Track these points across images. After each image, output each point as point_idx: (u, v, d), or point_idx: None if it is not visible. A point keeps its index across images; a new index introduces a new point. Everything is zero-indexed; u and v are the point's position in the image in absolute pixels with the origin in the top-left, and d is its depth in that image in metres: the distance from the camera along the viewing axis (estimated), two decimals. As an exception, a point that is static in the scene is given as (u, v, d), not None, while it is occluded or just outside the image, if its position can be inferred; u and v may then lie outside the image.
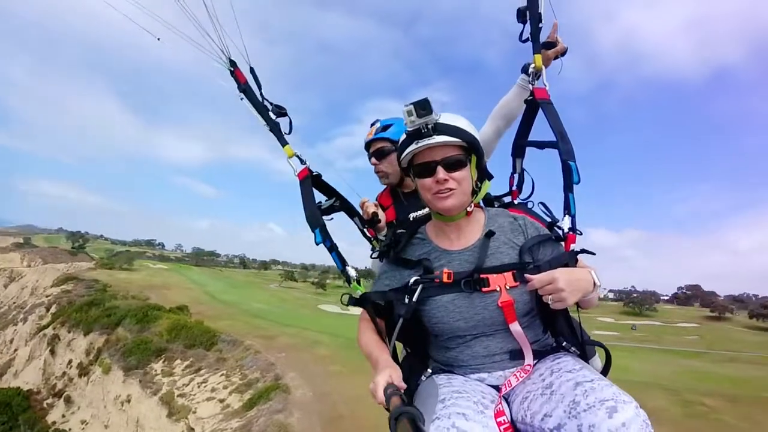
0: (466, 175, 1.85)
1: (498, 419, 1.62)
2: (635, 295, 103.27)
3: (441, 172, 1.80)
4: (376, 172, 2.84)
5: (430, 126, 1.77)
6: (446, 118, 1.81)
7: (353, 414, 21.48)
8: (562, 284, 1.67)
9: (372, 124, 2.87)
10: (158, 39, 2.16)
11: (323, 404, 22.83)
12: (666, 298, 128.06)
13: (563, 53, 2.46)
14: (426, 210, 2.21)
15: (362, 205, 2.60)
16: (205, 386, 29.19)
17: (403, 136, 1.90)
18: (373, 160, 2.81)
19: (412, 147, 1.83)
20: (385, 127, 2.76)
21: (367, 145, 2.84)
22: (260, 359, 30.43)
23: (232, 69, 2.33)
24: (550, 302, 1.72)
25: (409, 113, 1.77)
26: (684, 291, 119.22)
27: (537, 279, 1.75)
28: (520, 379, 1.79)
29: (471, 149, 1.86)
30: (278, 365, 28.72)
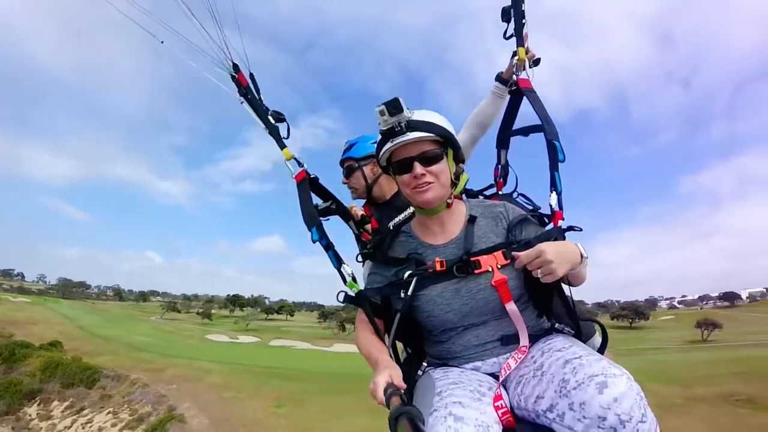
0: (444, 168, 1.87)
1: (496, 403, 1.62)
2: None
3: (418, 167, 1.82)
4: (348, 188, 2.93)
5: (403, 123, 1.80)
6: (419, 115, 1.85)
7: None
8: (550, 256, 1.65)
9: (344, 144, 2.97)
10: (161, 42, 2.17)
11: (222, 430, 23.29)
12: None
13: (535, 63, 2.54)
14: (404, 214, 2.26)
15: (350, 210, 2.67)
16: (90, 427, 27.90)
17: (379, 137, 1.93)
18: (344, 179, 2.90)
19: (388, 145, 1.86)
20: (349, 147, 2.84)
21: (340, 164, 2.95)
22: (150, 392, 29.79)
23: (234, 73, 2.31)
24: (540, 276, 1.69)
25: (382, 113, 1.81)
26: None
27: (524, 254, 1.74)
28: (518, 362, 1.77)
29: (446, 143, 1.89)
30: (170, 396, 28.45)
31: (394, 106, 1.78)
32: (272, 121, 2.37)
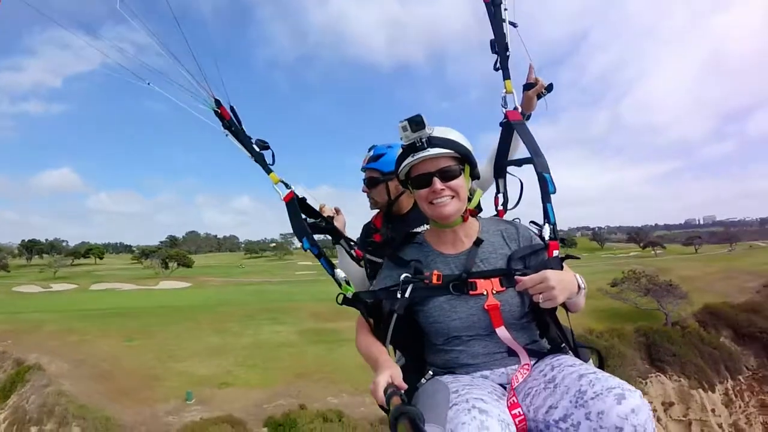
0: (462, 183, 1.91)
1: (512, 411, 1.65)
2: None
3: (437, 183, 1.87)
4: (367, 197, 2.93)
5: (424, 139, 1.85)
6: (439, 132, 1.89)
7: (120, 367, 24.78)
8: (552, 282, 1.70)
9: (369, 149, 2.89)
10: (148, 84, 2.19)
11: (86, 367, 24.75)
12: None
13: (548, 89, 2.51)
14: (421, 229, 2.30)
15: (320, 209, 2.63)
16: None
17: (400, 150, 1.98)
18: (364, 187, 2.89)
19: (409, 160, 1.90)
20: (377, 156, 2.79)
21: (362, 170, 2.90)
22: (-21, 353, 28.79)
23: (217, 109, 2.28)
24: (540, 301, 1.74)
25: (404, 128, 1.85)
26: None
27: (528, 278, 1.77)
28: (524, 377, 1.82)
29: (464, 159, 1.94)
30: (11, 351, 28.05)
31: (416, 123, 1.83)
32: (257, 149, 2.37)
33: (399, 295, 1.91)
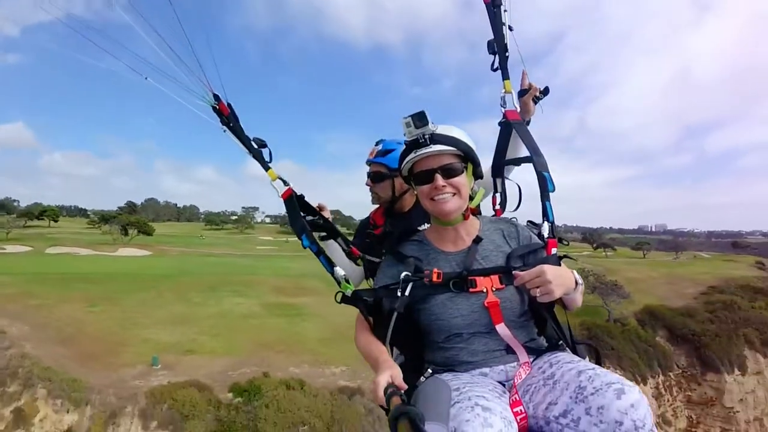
0: (464, 181, 1.93)
1: (514, 409, 1.66)
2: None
3: (439, 179, 1.89)
4: (370, 192, 2.93)
5: (427, 136, 1.87)
6: (443, 129, 1.91)
7: (83, 332, 24.90)
8: (549, 276, 1.71)
9: (377, 143, 2.90)
10: (146, 78, 2.19)
11: (48, 331, 24.61)
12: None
13: (544, 93, 2.56)
14: (422, 227, 2.26)
15: (319, 208, 2.64)
16: None
17: (403, 147, 2.01)
18: (369, 181, 2.89)
19: (411, 156, 1.93)
20: (386, 152, 2.80)
21: (368, 163, 2.90)
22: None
23: (216, 104, 2.29)
24: (537, 295, 1.74)
25: (408, 125, 1.88)
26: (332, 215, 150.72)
27: (526, 273, 1.79)
28: (527, 373, 1.83)
29: (467, 157, 1.95)
30: None
31: (420, 119, 1.85)
32: (255, 147, 2.38)
33: (399, 294, 1.93)
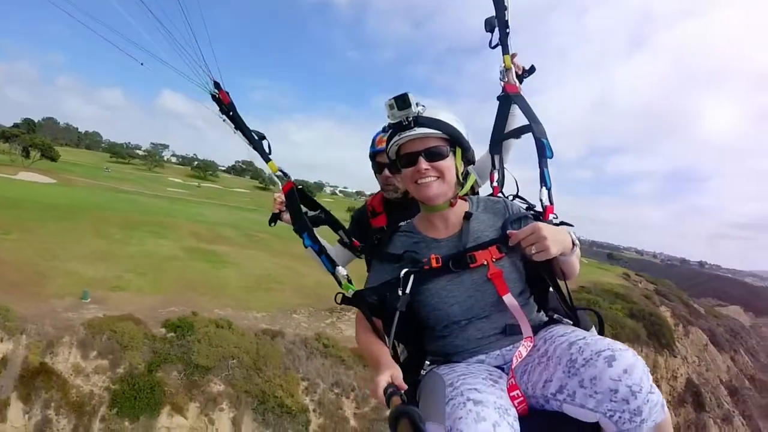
0: (449, 165, 1.88)
1: (511, 393, 1.64)
2: (196, 162, 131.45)
3: (422, 162, 1.84)
4: (386, 184, 2.84)
5: (410, 119, 1.82)
6: (429, 112, 1.86)
7: (1, 260, 24.62)
8: (544, 233, 1.67)
9: (385, 131, 2.67)
10: (141, 64, 2.15)
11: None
12: (224, 168, 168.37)
13: (529, 71, 2.63)
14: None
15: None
16: None
17: (389, 130, 1.95)
18: (386, 172, 2.80)
19: (395, 139, 1.88)
20: None
21: (376, 155, 2.83)
22: None
23: (216, 92, 2.26)
24: (533, 252, 1.69)
25: (391, 107, 1.83)
26: (240, 164, 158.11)
27: (520, 231, 1.75)
28: (528, 349, 1.77)
29: (454, 141, 1.89)
30: None
31: (402, 101, 1.80)
32: (256, 138, 2.37)
33: (400, 292, 1.87)
